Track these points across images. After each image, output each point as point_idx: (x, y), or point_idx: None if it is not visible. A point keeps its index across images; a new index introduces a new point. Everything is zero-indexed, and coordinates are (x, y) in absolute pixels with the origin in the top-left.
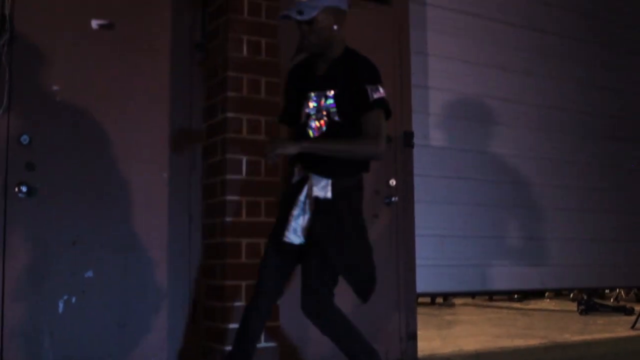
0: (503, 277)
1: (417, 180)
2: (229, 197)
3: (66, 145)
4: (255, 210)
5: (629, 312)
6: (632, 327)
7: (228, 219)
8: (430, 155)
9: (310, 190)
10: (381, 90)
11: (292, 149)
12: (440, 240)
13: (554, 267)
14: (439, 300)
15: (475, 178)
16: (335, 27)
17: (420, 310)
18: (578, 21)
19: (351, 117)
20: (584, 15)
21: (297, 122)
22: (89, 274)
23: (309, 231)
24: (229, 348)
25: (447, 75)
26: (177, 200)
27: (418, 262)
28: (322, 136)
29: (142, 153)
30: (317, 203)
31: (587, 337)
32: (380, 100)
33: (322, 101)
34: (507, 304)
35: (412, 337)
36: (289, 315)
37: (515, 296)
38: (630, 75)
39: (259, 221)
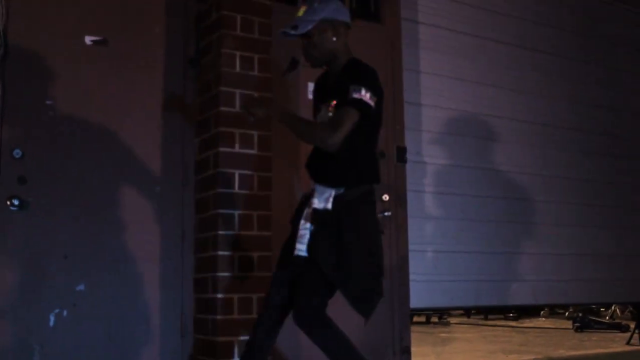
0: (496, 292)
1: (410, 196)
2: (221, 211)
3: (59, 159)
4: (248, 224)
5: (625, 329)
6: (628, 342)
7: (220, 232)
8: (424, 171)
9: (311, 201)
10: (364, 92)
11: (262, 113)
12: (433, 256)
13: (547, 283)
14: (434, 319)
15: (468, 194)
16: (334, 39)
17: (415, 328)
18: (570, 40)
19: None
20: (575, 34)
21: None
22: (81, 287)
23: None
24: None
25: (439, 93)
26: (169, 215)
27: (411, 277)
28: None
29: (135, 168)
30: (316, 215)
31: (582, 352)
32: (358, 99)
33: (326, 110)
34: (502, 322)
35: (406, 351)
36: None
37: (511, 314)
38: (624, 93)
39: (252, 235)
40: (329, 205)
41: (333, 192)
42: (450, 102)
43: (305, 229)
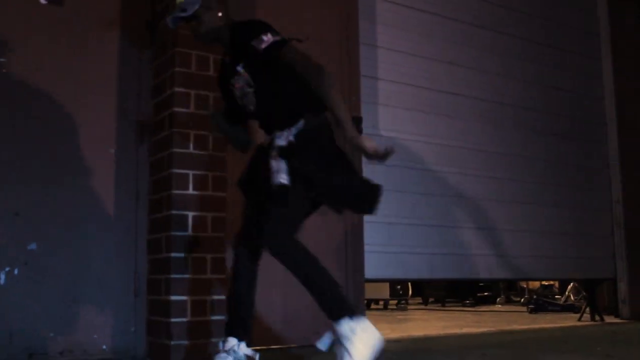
0: (451, 266)
1: (366, 169)
2: (176, 170)
3: (11, 118)
4: (203, 184)
5: (577, 310)
6: (579, 319)
7: (174, 191)
8: (378, 144)
9: (274, 143)
10: (265, 37)
11: (360, 139)
12: (388, 228)
13: (503, 259)
14: (392, 305)
15: (424, 168)
16: (220, 14)
17: (372, 312)
18: (530, 23)
19: (267, 75)
20: (536, 17)
21: (241, 113)
22: (32, 246)
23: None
24: (173, 320)
25: (397, 68)
26: (123, 176)
27: (366, 248)
28: (258, 105)
29: (88, 128)
30: (282, 150)
31: (535, 326)
32: (272, 43)
33: (238, 79)
34: (459, 308)
35: None
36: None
37: (468, 302)
38: (581, 77)
39: (206, 195)
40: (291, 138)
41: (292, 130)
42: (408, 77)
43: (277, 162)
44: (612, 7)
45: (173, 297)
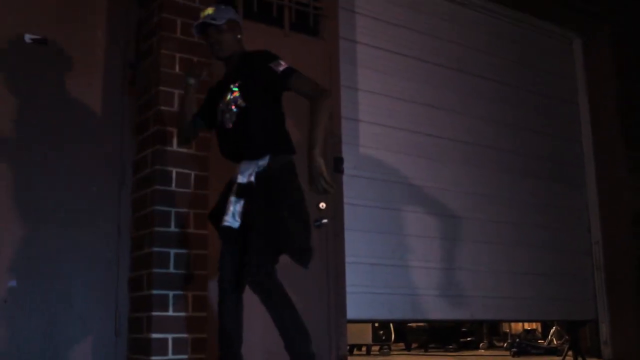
0: (434, 306)
1: (347, 209)
2: (158, 208)
3: None
4: (185, 222)
5: (561, 353)
6: None
7: (157, 229)
8: (360, 185)
9: (236, 178)
10: (283, 62)
11: (322, 161)
12: (370, 268)
13: (484, 299)
14: (375, 351)
15: (404, 210)
16: (239, 36)
17: (355, 358)
18: (509, 68)
19: (258, 99)
20: (515, 62)
21: (212, 123)
22: (13, 283)
23: (243, 215)
24: (154, 358)
25: (377, 110)
26: (105, 214)
27: (349, 289)
28: (237, 123)
29: (72, 167)
30: (240, 188)
31: None
32: (288, 68)
33: (228, 95)
34: (442, 353)
35: None
36: None
37: (451, 347)
38: (558, 120)
39: (188, 232)
40: (252, 178)
41: (255, 168)
42: (388, 119)
43: (235, 202)
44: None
45: (154, 335)
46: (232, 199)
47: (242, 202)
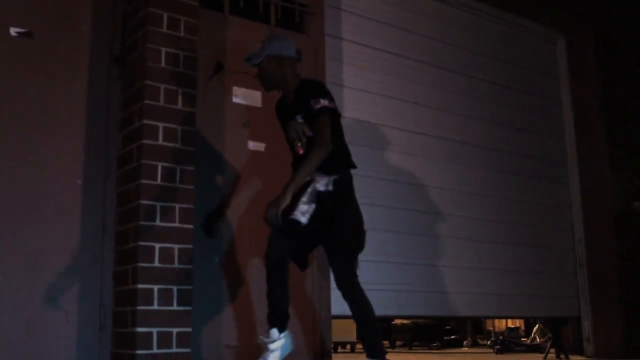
0: (418, 303)
1: None
2: (143, 202)
3: None
4: (170, 216)
5: (544, 350)
6: (544, 358)
7: (142, 223)
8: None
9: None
10: (322, 101)
11: (284, 202)
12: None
13: (468, 296)
14: (359, 349)
15: (390, 206)
16: (279, 69)
17: (339, 355)
18: (494, 66)
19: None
20: (500, 61)
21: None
22: None
23: (315, 218)
24: (138, 352)
25: (361, 107)
26: (90, 208)
27: (333, 284)
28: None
29: (57, 161)
30: (321, 196)
31: None
32: (322, 108)
33: (296, 126)
34: (426, 351)
35: (327, 355)
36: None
37: (435, 344)
38: (541, 117)
39: (173, 226)
40: (330, 188)
41: (331, 178)
42: (373, 116)
43: (306, 202)
44: (571, 54)
45: (139, 329)
46: (305, 199)
47: (313, 205)
